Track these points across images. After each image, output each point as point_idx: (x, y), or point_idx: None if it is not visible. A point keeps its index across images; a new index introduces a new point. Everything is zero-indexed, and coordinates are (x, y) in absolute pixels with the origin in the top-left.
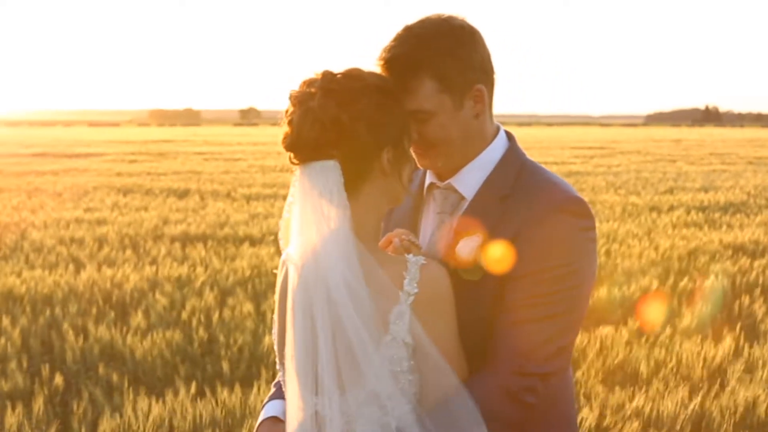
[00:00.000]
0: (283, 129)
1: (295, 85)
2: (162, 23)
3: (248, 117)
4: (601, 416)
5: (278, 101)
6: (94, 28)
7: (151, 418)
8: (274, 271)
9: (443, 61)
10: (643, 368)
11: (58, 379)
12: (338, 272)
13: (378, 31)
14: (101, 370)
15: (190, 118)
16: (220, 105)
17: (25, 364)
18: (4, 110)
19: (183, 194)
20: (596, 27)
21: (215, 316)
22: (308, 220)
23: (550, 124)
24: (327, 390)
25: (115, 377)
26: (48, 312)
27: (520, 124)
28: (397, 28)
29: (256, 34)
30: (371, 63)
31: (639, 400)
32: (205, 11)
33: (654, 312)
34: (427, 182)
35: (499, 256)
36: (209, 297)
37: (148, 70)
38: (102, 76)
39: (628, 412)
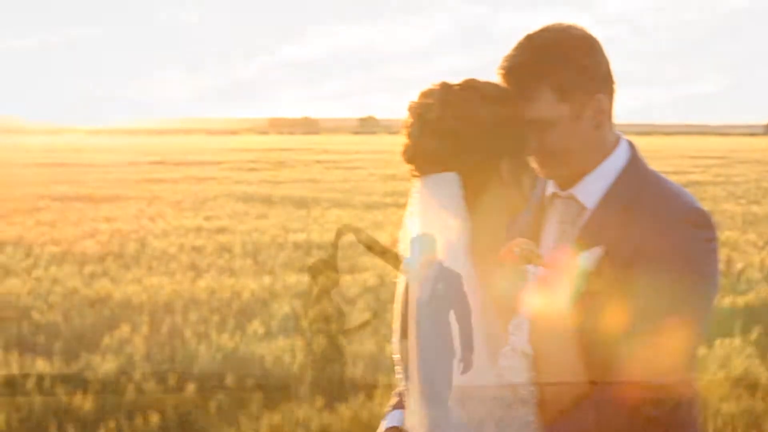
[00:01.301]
0: (403, 141)
1: (414, 96)
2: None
3: (367, 125)
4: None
5: (397, 110)
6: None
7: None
8: (395, 280)
9: (563, 70)
10: (765, 380)
11: (185, 388)
12: (456, 283)
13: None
14: (227, 378)
15: (309, 126)
16: (339, 113)
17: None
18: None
19: (302, 203)
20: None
21: (336, 325)
22: (427, 232)
23: (668, 134)
24: (446, 401)
25: (240, 386)
26: (169, 319)
27: (639, 134)
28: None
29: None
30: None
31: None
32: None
33: None
34: (548, 191)
35: (621, 266)
36: (330, 305)
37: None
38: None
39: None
